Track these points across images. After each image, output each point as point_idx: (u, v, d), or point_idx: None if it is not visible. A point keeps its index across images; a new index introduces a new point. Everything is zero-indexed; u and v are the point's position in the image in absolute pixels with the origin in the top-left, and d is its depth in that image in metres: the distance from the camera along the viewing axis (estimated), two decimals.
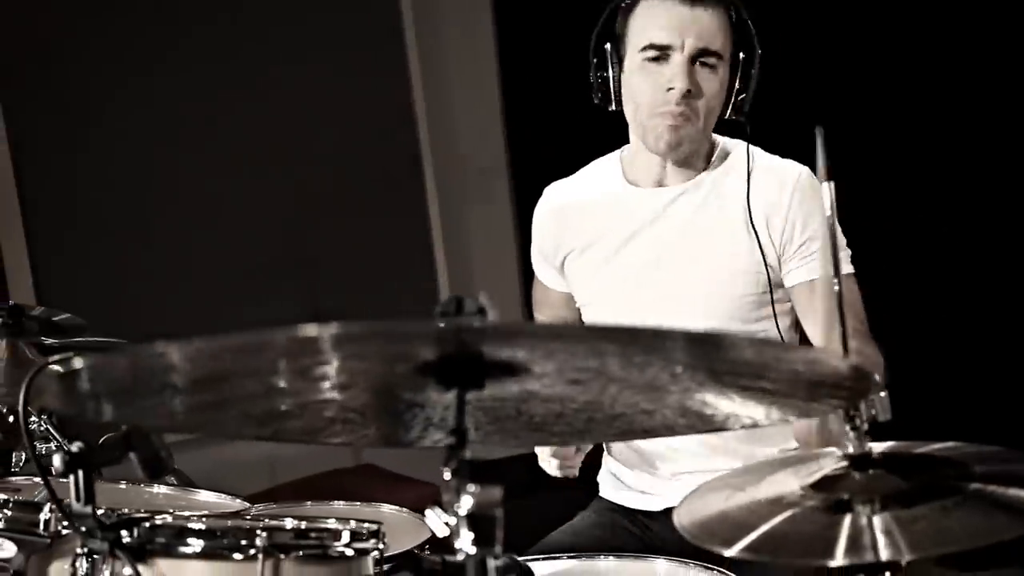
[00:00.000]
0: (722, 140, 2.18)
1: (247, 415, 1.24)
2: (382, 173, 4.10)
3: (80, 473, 1.34)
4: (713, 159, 2.17)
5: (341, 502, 2.31)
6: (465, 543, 1.05)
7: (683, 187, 2.16)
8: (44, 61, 3.66)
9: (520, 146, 4.18)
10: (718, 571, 1.74)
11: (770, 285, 2.11)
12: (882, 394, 1.32)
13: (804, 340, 2.20)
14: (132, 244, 3.75)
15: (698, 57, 2.05)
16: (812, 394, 1.16)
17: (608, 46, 2.11)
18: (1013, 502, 1.21)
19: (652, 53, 2.06)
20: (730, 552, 1.22)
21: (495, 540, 1.05)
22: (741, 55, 2.07)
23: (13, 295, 3.51)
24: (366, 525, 1.53)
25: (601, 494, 2.29)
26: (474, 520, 1.05)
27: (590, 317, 2.28)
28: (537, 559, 1.83)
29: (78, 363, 0.99)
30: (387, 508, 2.25)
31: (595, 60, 2.13)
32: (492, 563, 1.04)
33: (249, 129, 3.87)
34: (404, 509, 2.24)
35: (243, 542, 1.39)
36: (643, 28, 2.07)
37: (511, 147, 4.20)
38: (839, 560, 1.18)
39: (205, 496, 1.91)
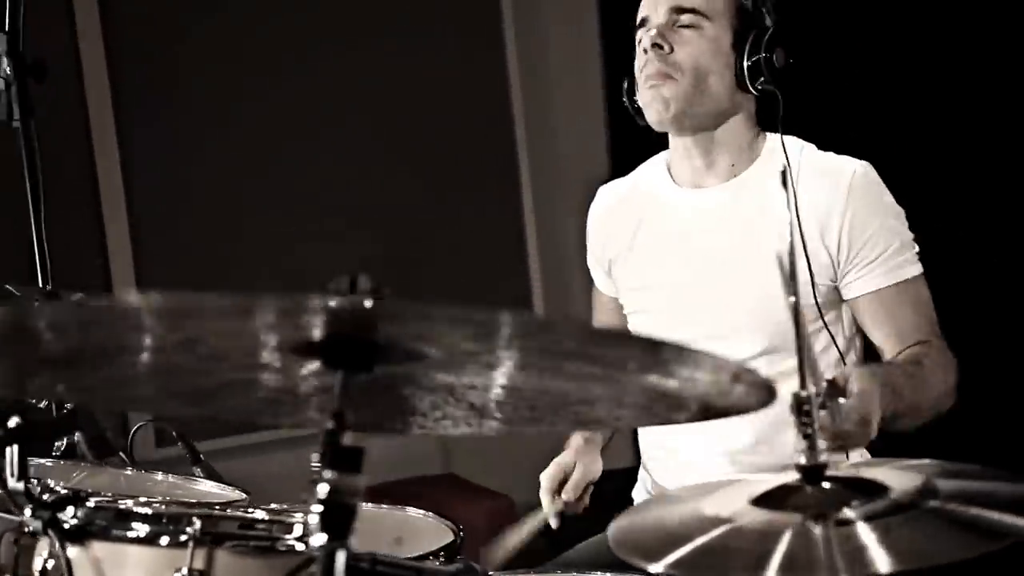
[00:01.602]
0: (769, 137, 2.05)
1: (172, 391, 1.21)
2: (478, 185, 4.05)
3: (15, 449, 1.32)
4: (757, 158, 2.04)
5: (369, 504, 2.27)
6: (317, 533, 0.98)
7: (722, 188, 2.05)
8: (150, 50, 3.76)
9: (623, 158, 4.07)
10: None
11: (815, 297, 1.96)
12: (841, 400, 1.20)
13: (870, 354, 2.06)
14: (232, 230, 3.80)
15: (675, 18, 1.98)
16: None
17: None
18: (971, 521, 1.08)
19: (640, 32, 2.01)
20: (654, 568, 1.12)
21: (348, 532, 0.98)
22: (742, 20, 1.98)
23: (116, 277, 3.66)
24: None
25: None
26: (328, 509, 0.98)
27: (635, 327, 2.18)
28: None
29: None
30: (413, 511, 2.19)
31: (626, 84, 2.06)
32: (342, 557, 0.97)
33: (351, 121, 3.88)
34: (430, 513, 2.19)
35: (175, 528, 1.36)
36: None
37: (614, 159, 4.09)
38: None
39: (205, 486, 1.89)
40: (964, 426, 2.01)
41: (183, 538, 1.34)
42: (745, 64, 1.97)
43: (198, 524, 1.35)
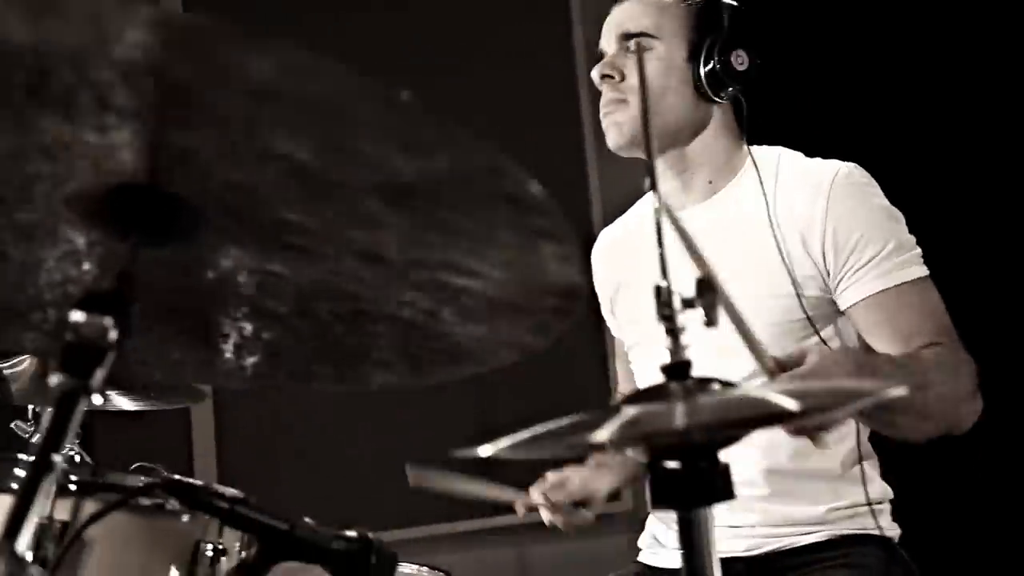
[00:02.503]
0: (753, 149, 1.97)
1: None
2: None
3: None
4: (738, 171, 1.96)
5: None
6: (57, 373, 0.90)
7: (702, 207, 1.96)
8: None
9: None
10: None
11: (804, 309, 1.82)
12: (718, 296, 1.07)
13: None
14: None
15: (625, 44, 1.95)
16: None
17: None
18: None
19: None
20: (484, 450, 1.00)
21: (92, 373, 0.90)
22: (696, 33, 1.92)
23: None
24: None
25: (639, 558, 2.04)
26: (71, 348, 0.90)
27: (635, 361, 2.07)
28: None
29: None
30: (407, 567, 2.12)
31: None
32: (83, 399, 0.89)
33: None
34: (424, 568, 2.11)
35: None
36: None
37: None
38: (603, 436, 0.97)
39: None
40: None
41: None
42: (702, 72, 1.90)
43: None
